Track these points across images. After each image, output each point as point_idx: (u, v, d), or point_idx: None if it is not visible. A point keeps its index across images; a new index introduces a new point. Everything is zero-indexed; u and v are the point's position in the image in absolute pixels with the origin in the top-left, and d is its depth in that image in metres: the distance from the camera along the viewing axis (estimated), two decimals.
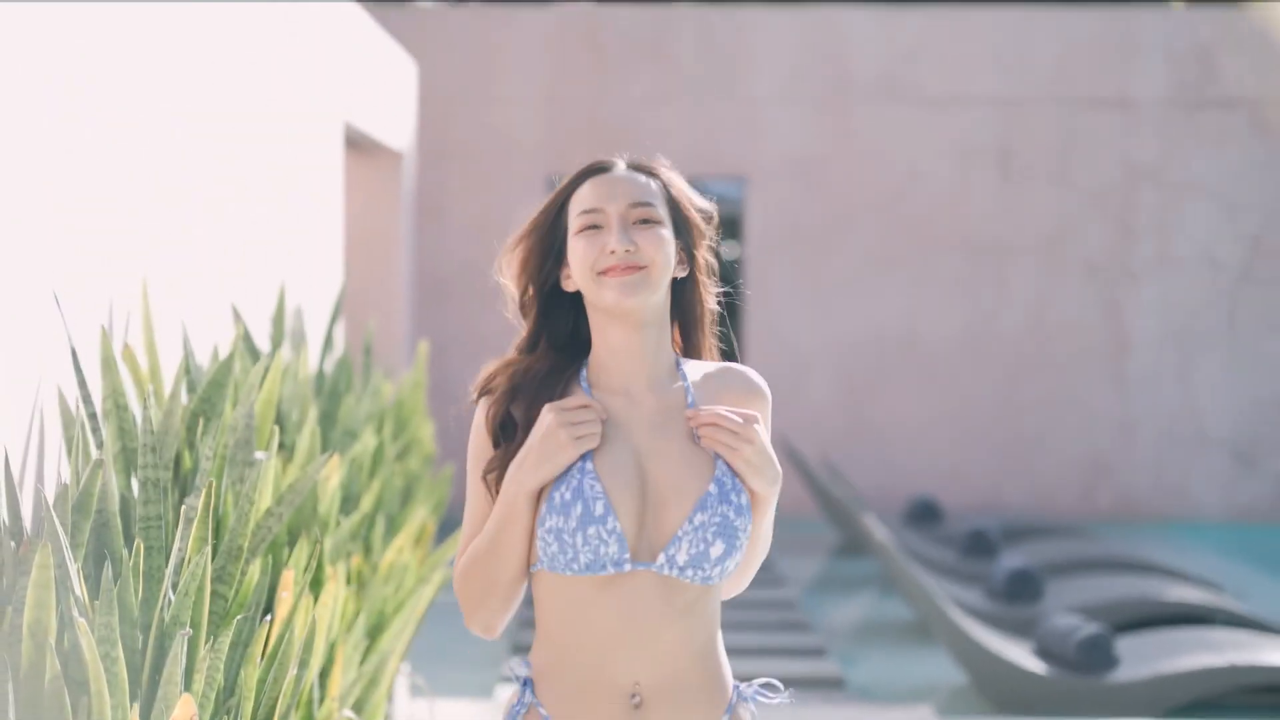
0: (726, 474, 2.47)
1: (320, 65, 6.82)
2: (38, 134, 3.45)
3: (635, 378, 2.53)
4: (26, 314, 3.34)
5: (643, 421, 2.51)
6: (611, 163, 2.56)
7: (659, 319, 2.53)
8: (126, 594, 2.86)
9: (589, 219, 2.50)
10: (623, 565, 2.42)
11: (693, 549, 2.43)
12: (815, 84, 12.81)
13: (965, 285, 12.81)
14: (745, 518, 2.47)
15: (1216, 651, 7.14)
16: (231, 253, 5.07)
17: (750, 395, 2.57)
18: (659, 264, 2.48)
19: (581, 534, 2.41)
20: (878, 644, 8.59)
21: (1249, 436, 12.82)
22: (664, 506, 2.45)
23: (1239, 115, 12.80)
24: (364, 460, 4.57)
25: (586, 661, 2.46)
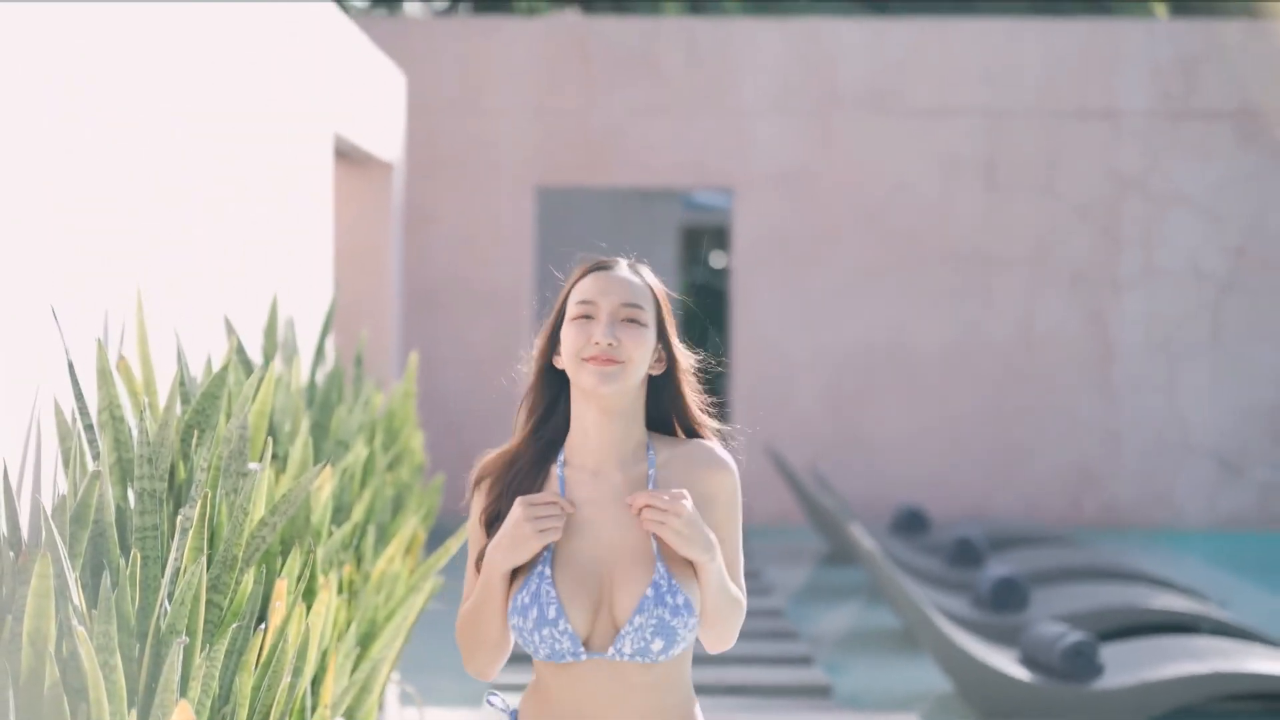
0: (664, 576, 2.70)
1: (310, 77, 6.87)
2: (33, 146, 3.50)
3: (605, 457, 2.79)
4: (23, 326, 3.38)
5: (608, 498, 2.77)
6: (614, 262, 2.83)
7: (631, 408, 2.79)
8: (124, 603, 2.90)
9: (583, 309, 2.77)
10: (579, 656, 2.69)
11: (636, 644, 2.68)
12: (803, 96, 12.88)
13: (952, 295, 12.88)
14: (683, 615, 2.69)
15: (1200, 659, 7.19)
16: (224, 263, 5.12)
17: (711, 469, 2.81)
18: (635, 361, 2.75)
19: (538, 633, 2.68)
20: (864, 652, 8.64)
21: (1234, 445, 12.90)
22: (615, 601, 2.71)
23: (1223, 126, 12.89)
24: (355, 470, 4.62)
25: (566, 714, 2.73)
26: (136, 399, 3.58)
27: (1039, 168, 12.87)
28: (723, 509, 2.79)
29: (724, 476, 2.80)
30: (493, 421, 12.65)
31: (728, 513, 2.79)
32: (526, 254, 12.88)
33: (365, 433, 4.85)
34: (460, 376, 12.75)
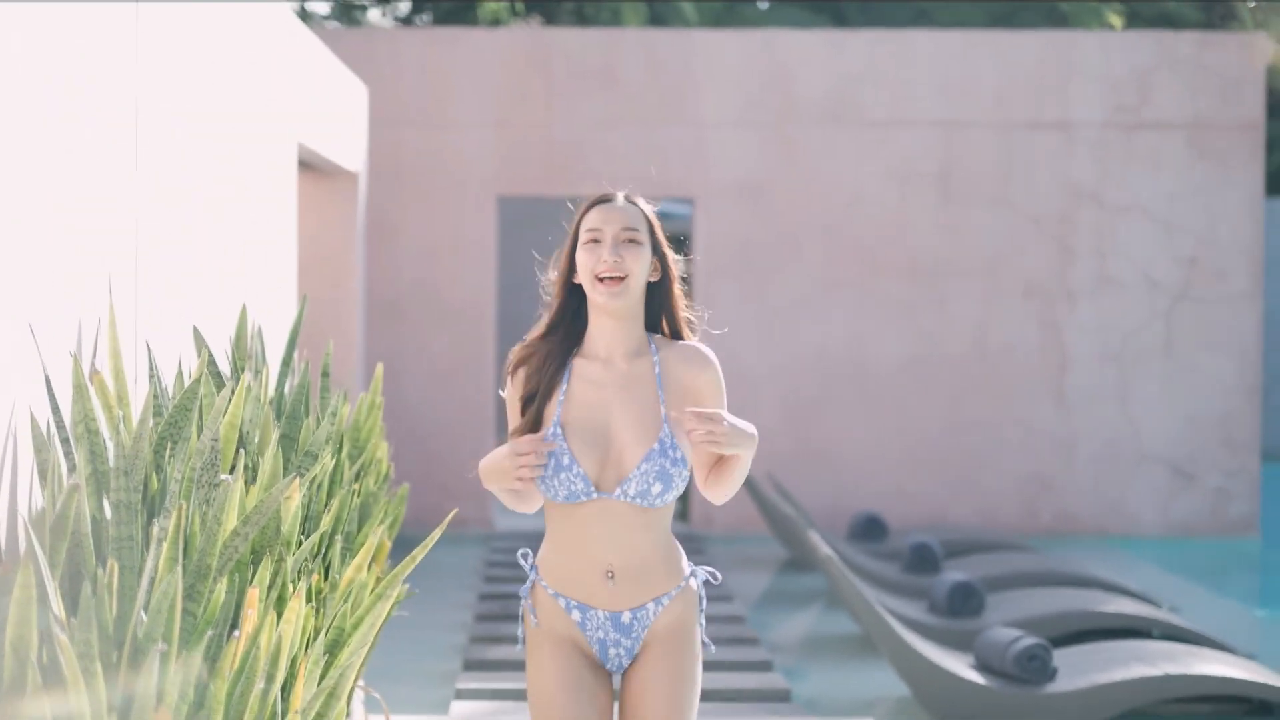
0: (668, 434, 3.52)
1: (273, 87, 6.95)
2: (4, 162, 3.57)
3: (614, 350, 3.59)
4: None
5: (615, 382, 3.56)
6: (613, 195, 3.62)
7: (633, 312, 3.59)
8: (102, 611, 2.99)
9: (591, 235, 3.57)
10: (591, 495, 3.51)
11: (640, 486, 3.50)
12: (762, 107, 13.00)
13: (908, 306, 13.02)
14: (680, 466, 3.52)
15: (1151, 663, 7.33)
16: (192, 273, 5.19)
17: (700, 367, 3.64)
18: (636, 274, 3.55)
19: (556, 479, 3.50)
20: (823, 657, 8.75)
21: (1186, 453, 13.08)
22: (623, 452, 3.51)
23: (1176, 137, 13.07)
24: (323, 481, 4.70)
25: (576, 550, 3.55)
26: (110, 412, 3.66)
27: (994, 179, 13.02)
28: (711, 395, 3.61)
29: (710, 371, 3.65)
30: (456, 431, 12.73)
31: (716, 397, 3.62)
32: (489, 264, 12.96)
33: (332, 444, 4.93)
34: (424, 386, 12.82)
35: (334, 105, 8.98)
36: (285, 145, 7.21)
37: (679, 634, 3.60)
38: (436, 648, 8.65)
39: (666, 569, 3.60)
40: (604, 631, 3.59)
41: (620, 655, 3.61)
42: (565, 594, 3.59)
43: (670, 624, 3.59)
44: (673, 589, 3.60)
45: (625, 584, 3.56)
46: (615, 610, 3.57)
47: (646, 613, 3.58)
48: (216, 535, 3.31)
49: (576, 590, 3.58)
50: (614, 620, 3.58)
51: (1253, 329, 13.10)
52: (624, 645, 3.60)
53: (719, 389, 3.63)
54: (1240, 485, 13.09)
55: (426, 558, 9.42)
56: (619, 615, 3.57)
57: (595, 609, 3.58)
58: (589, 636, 3.60)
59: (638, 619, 3.58)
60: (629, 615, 3.57)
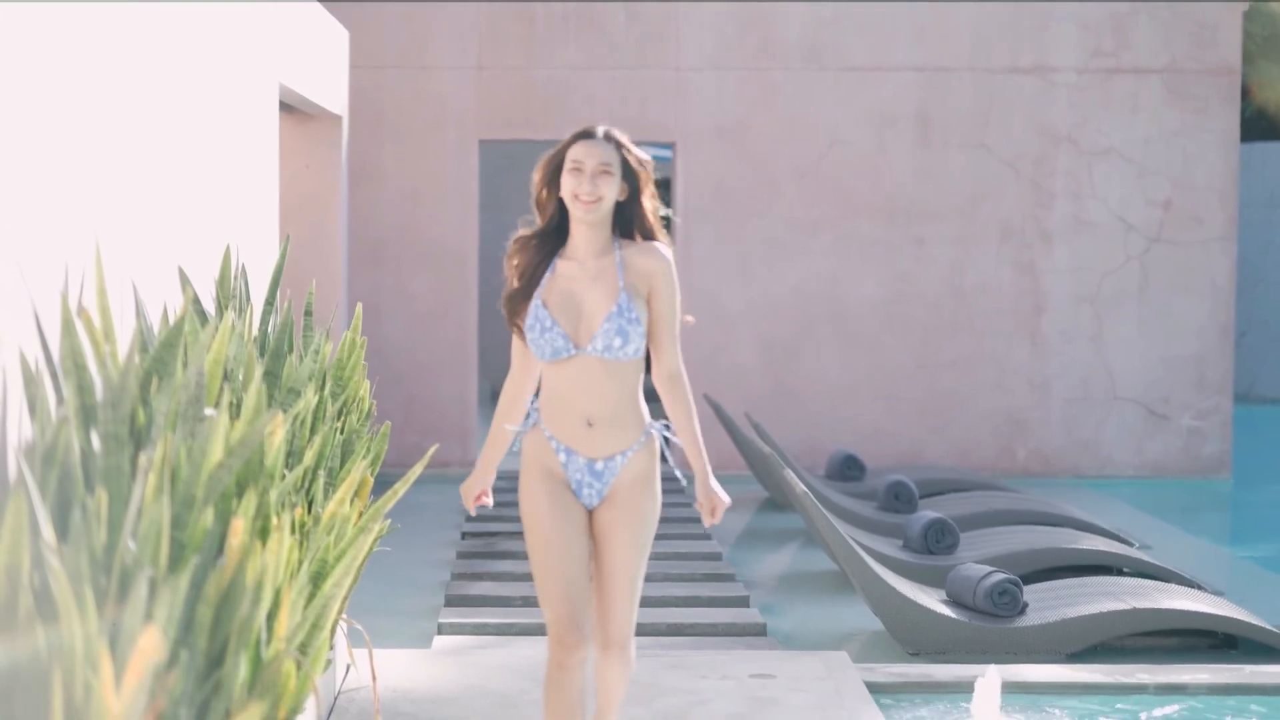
0: (625, 300, 4.48)
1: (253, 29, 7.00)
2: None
3: (586, 252, 4.57)
4: None
5: (585, 275, 4.54)
6: (595, 130, 4.58)
7: (603, 222, 4.56)
8: (91, 538, 3.09)
9: (575, 164, 4.53)
10: (570, 351, 4.51)
11: (605, 340, 4.48)
12: (740, 51, 13.05)
13: (885, 248, 13.12)
14: (636, 325, 4.49)
15: (1119, 598, 7.48)
16: (177, 214, 5.27)
17: (654, 256, 4.57)
18: (607, 198, 4.52)
19: (542, 338, 4.51)
20: (800, 594, 8.90)
21: (1159, 394, 13.23)
22: (592, 319, 4.49)
23: (1152, 82, 13.15)
24: (306, 417, 4.80)
25: (563, 401, 4.56)
26: (98, 348, 3.75)
27: (971, 123, 13.10)
28: (662, 280, 4.55)
29: (661, 262, 4.57)
30: (437, 371, 12.83)
31: (665, 283, 4.56)
32: (471, 207, 13.03)
33: (315, 381, 5.03)
34: (405, 328, 12.90)
35: (315, 48, 9.02)
36: (266, 85, 7.26)
37: (641, 482, 4.59)
38: (419, 584, 8.78)
39: (632, 422, 4.57)
40: (581, 474, 4.57)
41: (592, 495, 4.58)
42: (556, 437, 4.57)
43: (633, 474, 4.58)
44: (635, 443, 4.57)
45: (601, 430, 4.53)
46: (592, 457, 4.55)
47: (615, 464, 4.56)
48: (201, 466, 3.41)
49: (564, 434, 4.56)
50: (589, 466, 4.56)
51: (1226, 272, 13.23)
52: (595, 487, 4.57)
53: (670, 280, 4.57)
54: (1212, 426, 13.24)
55: (409, 497, 9.54)
56: (594, 462, 4.56)
57: (577, 453, 4.55)
58: (570, 476, 4.58)
59: (608, 468, 4.56)
60: (601, 464, 4.56)
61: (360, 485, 5.16)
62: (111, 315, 3.88)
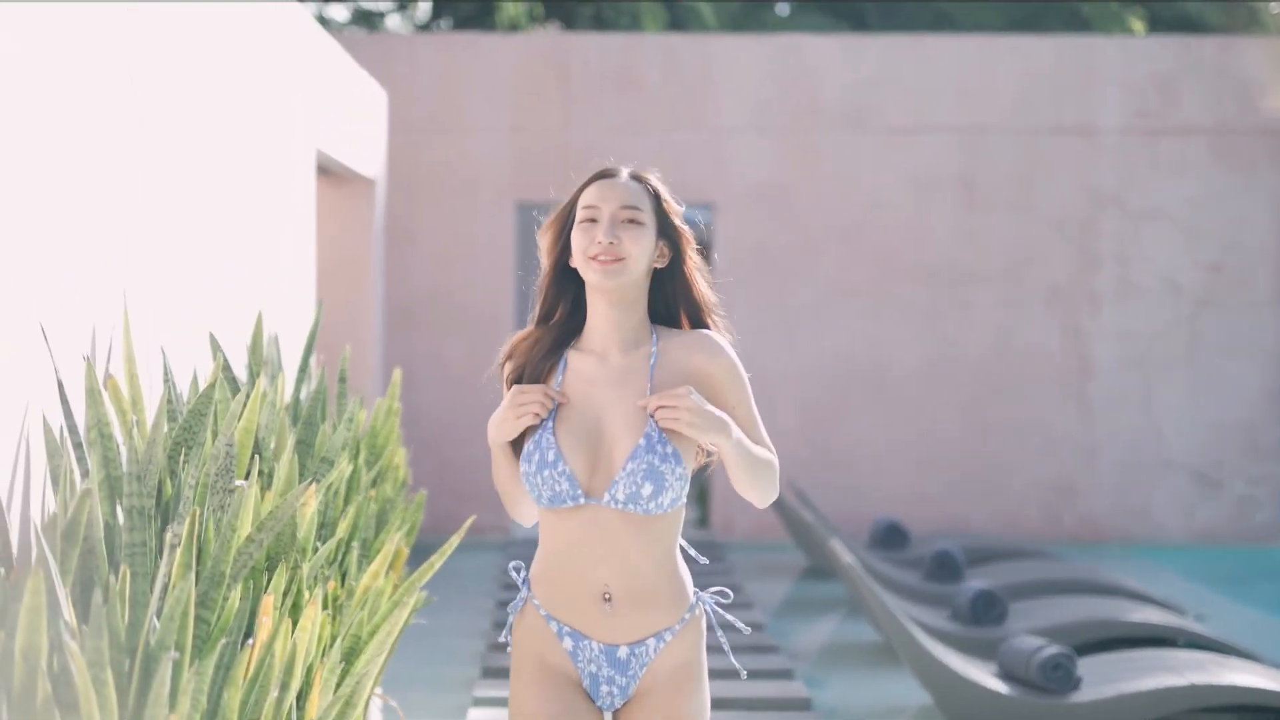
0: (654, 429, 3.13)
1: (292, 93, 6.91)
2: (18, 167, 3.53)
3: (610, 343, 3.23)
4: (11, 343, 3.41)
5: (608, 379, 3.20)
6: (616, 170, 3.25)
7: (634, 298, 3.22)
8: (113, 619, 2.94)
9: (588, 213, 3.20)
10: (577, 499, 3.14)
11: (628, 489, 3.11)
12: (781, 112, 12.95)
13: (929, 312, 12.95)
14: (671, 463, 3.12)
15: (1176, 672, 7.25)
16: (209, 279, 5.15)
17: (710, 357, 3.24)
18: (635, 256, 3.16)
19: (540, 475, 3.15)
20: (844, 666, 8.68)
21: (1210, 460, 12.99)
22: (612, 454, 3.14)
23: (1200, 142, 12.99)
24: (339, 487, 4.65)
25: (568, 568, 3.18)
26: (124, 417, 3.61)
27: (1015, 184, 12.95)
28: (723, 384, 3.23)
29: (719, 357, 3.25)
30: (471, 438, 12.68)
31: (730, 386, 3.24)
32: (506, 270, 12.92)
33: (349, 450, 4.89)
34: (439, 393, 12.78)
35: (353, 110, 8.94)
36: (304, 151, 7.17)
37: (683, 676, 3.19)
38: (454, 654, 8.60)
39: (670, 596, 3.18)
40: (597, 665, 3.20)
41: (613, 694, 3.22)
42: (558, 617, 3.21)
43: (673, 665, 3.19)
44: (676, 623, 3.19)
45: (624, 611, 3.16)
46: (612, 643, 3.17)
47: (646, 649, 3.18)
48: (230, 541, 3.26)
49: (570, 614, 3.19)
50: (609, 654, 3.18)
51: (1277, 335, 13.01)
52: (618, 683, 3.20)
53: (737, 378, 3.23)
54: (1265, 492, 12.99)
55: (444, 565, 9.37)
56: (615, 649, 3.17)
57: (589, 639, 3.18)
58: (580, 669, 3.21)
59: (636, 656, 3.18)
60: (626, 650, 3.17)
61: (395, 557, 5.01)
62: (139, 383, 3.74)
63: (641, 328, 3.23)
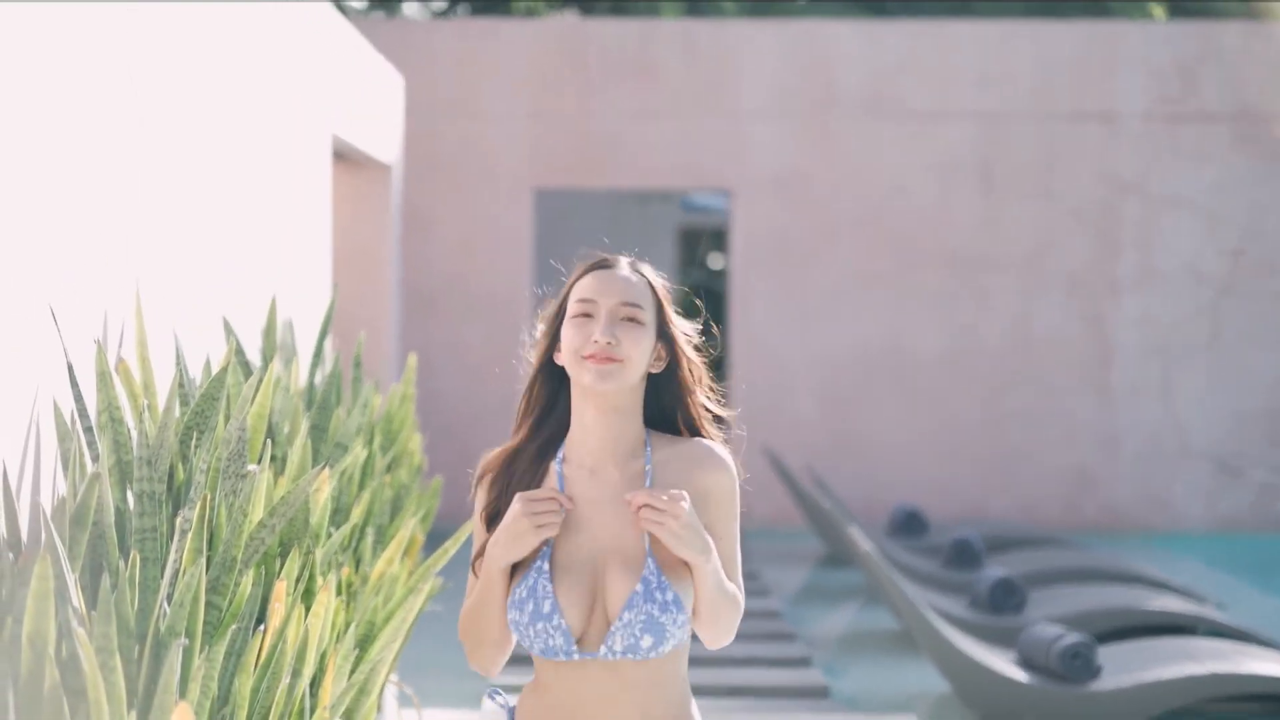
0: (653, 572, 2.74)
1: (308, 78, 6.87)
2: (30, 150, 3.50)
3: (603, 454, 2.84)
4: (22, 327, 3.38)
5: (605, 495, 2.82)
6: (615, 260, 2.88)
7: (629, 406, 2.84)
8: (123, 605, 2.90)
9: (582, 307, 2.82)
10: (571, 655, 2.74)
11: (626, 641, 2.72)
12: (800, 98, 12.88)
13: (948, 299, 12.89)
14: (671, 612, 2.72)
15: (1198, 661, 7.19)
16: (223, 264, 5.12)
17: (709, 469, 2.85)
18: (634, 360, 2.79)
19: (533, 628, 2.74)
20: (862, 653, 8.64)
21: (1232, 448, 12.91)
22: (606, 596, 2.76)
23: (1220, 129, 12.90)
24: (354, 472, 4.61)
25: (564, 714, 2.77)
26: (136, 401, 3.58)
27: (1035, 171, 12.88)
28: (718, 506, 2.83)
29: (720, 475, 2.84)
30: (489, 423, 12.66)
31: (724, 510, 2.84)
32: (524, 256, 12.88)
33: (364, 435, 4.85)
34: (457, 379, 12.75)
35: (370, 96, 8.91)
36: (320, 137, 7.14)
37: None
38: None
39: None
40: None
41: None
42: None
43: None
44: None
45: None
46: None
47: None
48: (242, 527, 3.22)
49: None
50: None
51: None
52: None
53: (732, 503, 2.85)
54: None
55: (460, 552, 9.35)
56: None
57: None
58: None
59: None
60: None
61: (410, 543, 4.97)
62: (151, 367, 3.71)
63: (637, 437, 2.86)
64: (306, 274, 6.58)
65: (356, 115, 8.45)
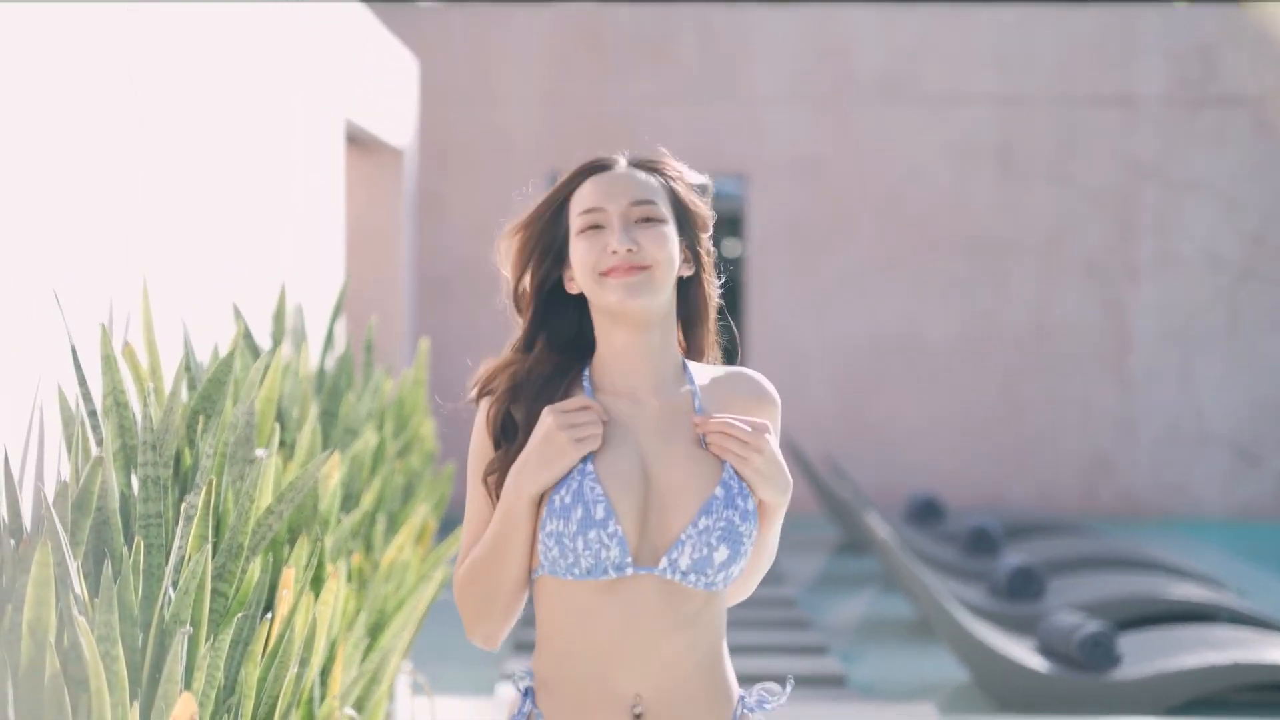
0: (734, 478, 2.42)
1: (322, 62, 6.81)
2: (37, 132, 3.44)
3: (640, 380, 2.48)
4: (26, 312, 3.33)
5: (647, 425, 2.46)
6: (613, 160, 2.53)
7: (664, 320, 2.48)
8: (126, 592, 2.85)
9: (590, 219, 2.47)
10: (624, 569, 2.38)
11: (696, 553, 2.38)
12: (816, 82, 12.80)
13: (966, 284, 12.80)
14: (751, 523, 2.42)
15: (1219, 649, 7.13)
16: (232, 250, 5.07)
17: (759, 401, 2.52)
18: (662, 263, 2.44)
19: (582, 538, 2.37)
20: (879, 642, 8.59)
21: (1250, 434, 12.82)
22: (668, 510, 2.41)
23: (1240, 113, 12.79)
24: (365, 458, 4.56)
25: (587, 670, 2.42)
26: (142, 384, 3.52)
27: (1054, 155, 12.78)
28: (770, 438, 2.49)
29: (772, 409, 2.53)
30: None
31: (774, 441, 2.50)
32: None
33: (375, 420, 4.79)
34: (471, 364, 12.71)
35: (384, 80, 8.84)
36: (334, 121, 7.08)
37: None
38: None
39: (712, 703, 2.46)
40: None
41: None
42: None
43: None
44: None
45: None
46: None
47: None
48: (249, 512, 3.16)
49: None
50: None
51: None
52: None
53: (777, 431, 2.53)
54: None
55: None
56: None
57: None
58: None
59: None
60: None
61: (422, 530, 4.92)
62: (158, 350, 3.65)
63: (675, 360, 2.51)
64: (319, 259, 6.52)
65: (370, 99, 8.39)
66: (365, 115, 8.20)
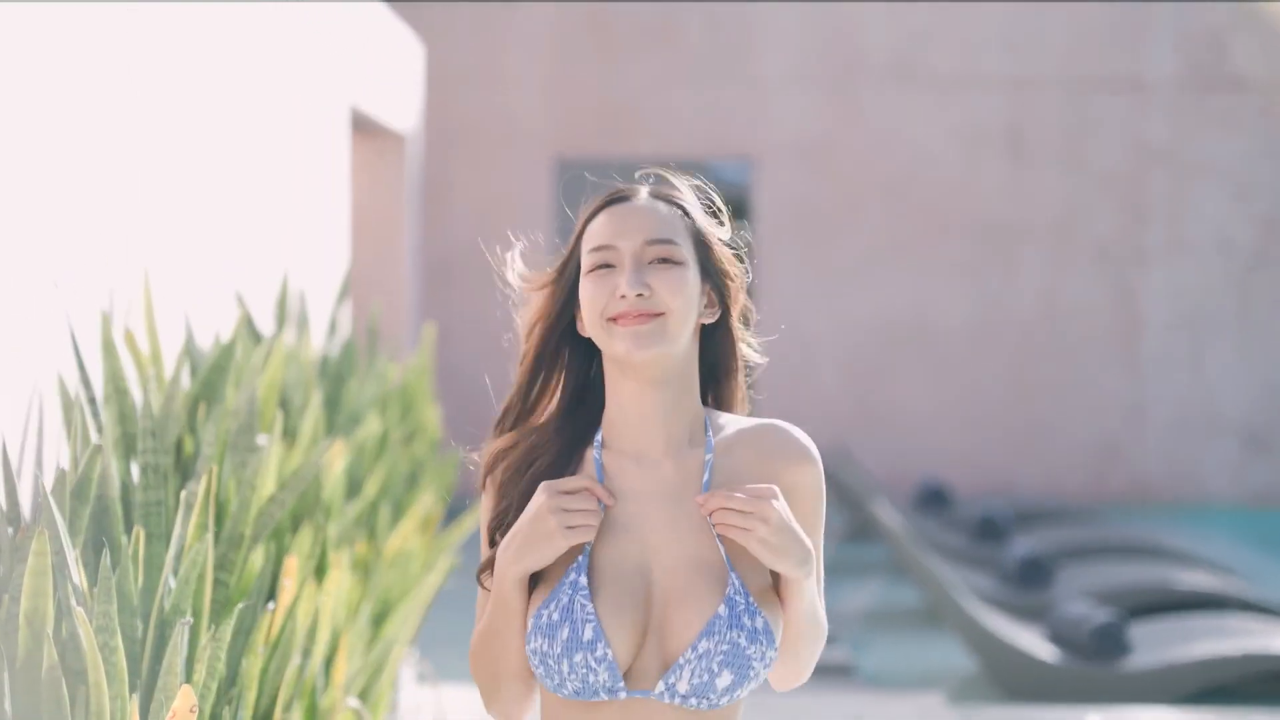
0: (740, 591, 2.12)
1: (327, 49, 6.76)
2: (38, 119, 3.39)
3: (650, 441, 2.20)
4: (26, 299, 3.28)
5: (656, 495, 2.18)
6: (632, 191, 2.27)
7: (680, 374, 2.20)
8: (126, 582, 2.80)
9: (600, 257, 2.20)
10: (616, 693, 2.11)
11: (696, 679, 2.10)
12: (823, 65, 12.73)
13: (975, 269, 12.75)
14: (762, 643, 2.11)
15: (1230, 639, 7.09)
16: (235, 236, 5.02)
17: (788, 461, 2.20)
18: (677, 311, 2.16)
19: (567, 660, 2.10)
20: (888, 630, 8.55)
21: (1261, 420, 12.76)
22: (669, 621, 2.13)
23: (1251, 98, 12.71)
24: (369, 445, 4.51)
25: None
26: (143, 371, 3.47)
27: (1064, 139, 12.71)
28: (803, 509, 2.18)
29: (806, 468, 2.20)
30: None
31: (812, 514, 2.20)
32: (545, 226, 12.76)
33: (379, 406, 4.74)
34: (477, 350, 12.64)
35: (389, 65, 8.79)
36: (338, 107, 7.03)
37: None
38: None
39: None
40: None
41: None
42: None
43: None
44: None
45: None
46: None
47: None
48: (251, 501, 3.12)
49: None
50: None
51: None
52: None
53: (820, 502, 2.21)
54: None
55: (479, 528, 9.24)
56: None
57: None
58: None
59: None
60: None
61: (427, 518, 4.87)
62: (159, 338, 3.60)
63: (693, 415, 2.21)
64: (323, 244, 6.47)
65: (376, 85, 8.34)
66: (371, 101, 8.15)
